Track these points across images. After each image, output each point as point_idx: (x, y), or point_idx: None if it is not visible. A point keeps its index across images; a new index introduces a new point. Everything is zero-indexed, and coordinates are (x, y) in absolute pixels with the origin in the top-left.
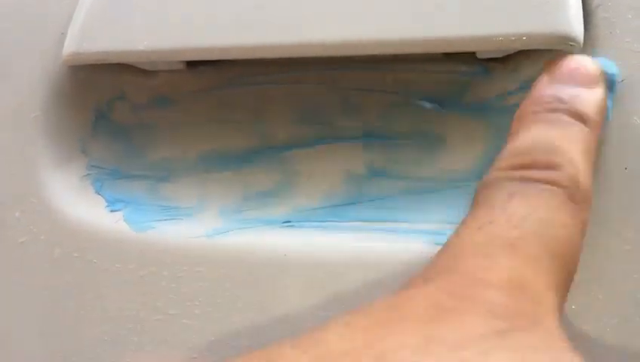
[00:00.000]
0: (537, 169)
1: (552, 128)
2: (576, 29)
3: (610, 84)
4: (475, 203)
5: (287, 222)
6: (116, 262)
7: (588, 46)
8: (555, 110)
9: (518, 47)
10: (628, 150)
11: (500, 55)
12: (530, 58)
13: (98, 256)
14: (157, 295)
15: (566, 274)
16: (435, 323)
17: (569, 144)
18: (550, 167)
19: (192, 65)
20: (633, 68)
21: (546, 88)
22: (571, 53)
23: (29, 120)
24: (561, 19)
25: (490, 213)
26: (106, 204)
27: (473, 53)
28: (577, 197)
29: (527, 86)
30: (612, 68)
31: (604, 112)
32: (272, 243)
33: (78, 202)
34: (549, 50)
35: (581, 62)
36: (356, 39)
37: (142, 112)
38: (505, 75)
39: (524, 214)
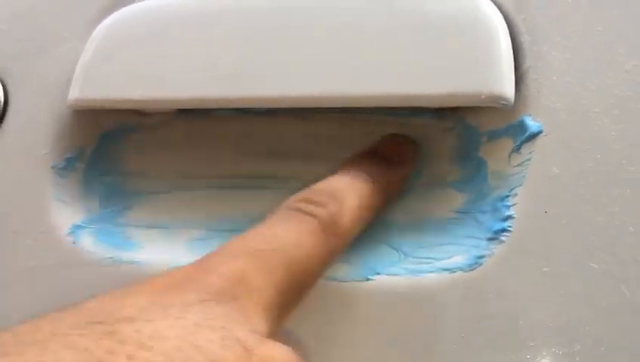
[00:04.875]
0: (309, 203)
1: (346, 178)
2: (508, 89)
3: (532, 138)
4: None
5: None
6: (114, 285)
7: (519, 103)
8: (362, 169)
9: (458, 104)
10: (548, 196)
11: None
12: (474, 109)
13: (99, 279)
14: None
15: (295, 282)
16: (163, 294)
17: (349, 193)
18: (318, 204)
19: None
20: (555, 124)
21: (367, 152)
22: (504, 109)
23: (39, 157)
24: (494, 81)
25: (258, 229)
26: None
27: None
28: (331, 231)
29: (472, 132)
30: (535, 124)
31: (397, 184)
32: None
33: (82, 232)
34: None
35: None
36: (329, 94)
37: (136, 148)
38: (452, 121)
39: (278, 233)
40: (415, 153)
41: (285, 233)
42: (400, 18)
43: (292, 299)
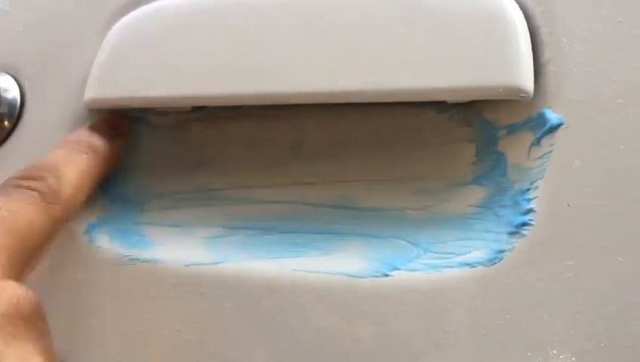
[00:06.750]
0: (29, 180)
1: (64, 152)
2: (527, 82)
3: (552, 130)
4: None
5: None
6: (130, 283)
7: (538, 96)
8: (81, 142)
9: (477, 97)
10: (570, 189)
11: (465, 101)
12: (492, 103)
13: (114, 278)
14: (164, 313)
15: (21, 246)
16: None
17: (67, 165)
18: (37, 178)
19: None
20: (575, 116)
21: (87, 128)
22: (523, 102)
23: None
24: (513, 74)
25: None
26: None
27: None
28: (51, 199)
29: (490, 126)
30: (556, 117)
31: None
32: (263, 268)
33: (98, 230)
34: None
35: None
36: (347, 90)
37: (152, 147)
38: (470, 116)
39: (1, 207)
40: (130, 126)
41: (8, 206)
42: (418, 11)
43: (24, 259)
